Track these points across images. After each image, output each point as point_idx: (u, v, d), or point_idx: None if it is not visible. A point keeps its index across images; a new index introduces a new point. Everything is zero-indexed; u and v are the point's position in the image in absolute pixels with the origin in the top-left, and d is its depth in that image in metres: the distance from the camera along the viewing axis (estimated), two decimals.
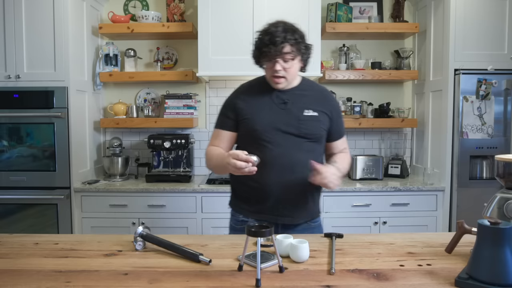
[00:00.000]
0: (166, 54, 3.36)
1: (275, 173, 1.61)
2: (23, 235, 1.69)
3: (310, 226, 1.74)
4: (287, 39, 1.52)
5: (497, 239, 1.13)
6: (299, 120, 1.62)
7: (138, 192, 2.81)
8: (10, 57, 2.76)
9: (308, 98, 1.67)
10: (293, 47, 1.55)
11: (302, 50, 1.59)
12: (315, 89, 1.72)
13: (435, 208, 2.86)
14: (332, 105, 1.71)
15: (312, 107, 1.65)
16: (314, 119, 1.64)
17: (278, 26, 1.55)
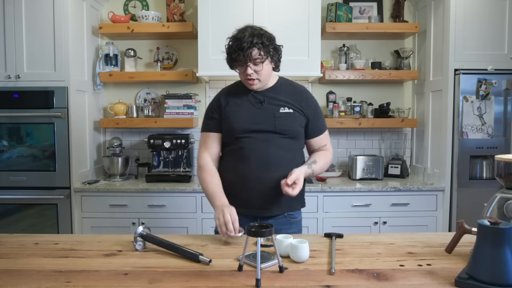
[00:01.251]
0: (166, 54, 3.36)
1: (252, 168, 1.67)
2: (23, 235, 1.69)
3: (289, 221, 1.77)
4: (253, 44, 1.58)
5: (497, 239, 1.13)
6: (275, 117, 1.68)
7: (138, 192, 2.81)
8: (10, 57, 2.76)
9: (284, 96, 1.72)
10: (260, 50, 1.60)
11: (270, 53, 1.64)
12: (292, 87, 1.77)
13: (435, 208, 2.86)
14: (309, 103, 1.74)
15: (288, 105, 1.70)
16: (290, 115, 1.69)
17: (245, 31, 1.60)
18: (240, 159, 1.68)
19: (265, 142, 1.68)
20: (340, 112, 3.18)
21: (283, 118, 1.68)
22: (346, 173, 3.32)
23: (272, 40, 1.66)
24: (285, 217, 1.76)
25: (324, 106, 3.39)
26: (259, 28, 1.65)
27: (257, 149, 1.68)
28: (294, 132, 1.71)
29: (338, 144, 3.43)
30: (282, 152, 1.68)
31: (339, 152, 3.43)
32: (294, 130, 1.71)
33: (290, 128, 1.69)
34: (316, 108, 1.78)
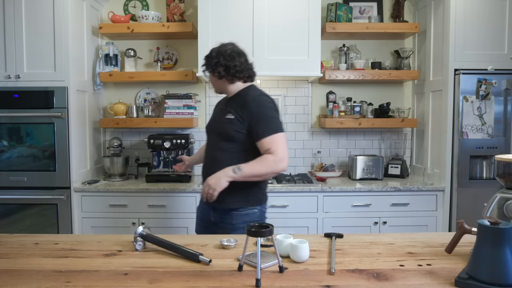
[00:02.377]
0: (166, 54, 3.36)
1: (204, 165, 2.02)
2: (23, 235, 1.69)
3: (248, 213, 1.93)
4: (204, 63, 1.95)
5: (497, 239, 1.14)
6: (221, 122, 1.93)
7: (138, 192, 2.81)
8: (10, 57, 2.76)
9: (234, 104, 1.93)
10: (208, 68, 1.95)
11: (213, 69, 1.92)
12: (243, 97, 1.93)
13: (435, 208, 2.86)
14: (249, 111, 1.87)
15: (232, 112, 1.90)
16: (229, 121, 1.89)
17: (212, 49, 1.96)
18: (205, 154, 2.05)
19: (212, 143, 1.99)
20: (340, 112, 3.18)
21: (225, 123, 1.90)
22: (346, 173, 3.32)
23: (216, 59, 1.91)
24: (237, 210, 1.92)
25: (324, 106, 3.40)
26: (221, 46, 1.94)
27: (208, 148, 2.02)
28: (231, 135, 1.88)
29: (338, 144, 3.43)
30: (221, 153, 1.91)
31: (339, 152, 3.43)
32: (231, 133, 1.88)
33: (226, 132, 1.89)
34: (256, 115, 1.86)
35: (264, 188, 2.01)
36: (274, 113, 1.90)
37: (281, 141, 1.85)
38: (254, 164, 1.83)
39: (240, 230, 1.89)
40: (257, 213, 1.96)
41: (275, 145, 1.83)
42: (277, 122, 1.89)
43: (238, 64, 1.91)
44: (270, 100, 1.93)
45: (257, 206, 1.95)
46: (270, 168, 1.82)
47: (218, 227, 1.95)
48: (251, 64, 2.01)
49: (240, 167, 1.81)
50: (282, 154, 1.82)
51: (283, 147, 1.84)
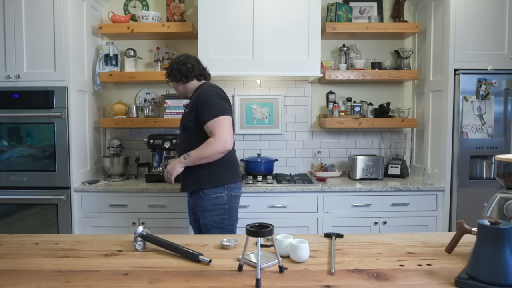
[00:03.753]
0: (166, 54, 3.36)
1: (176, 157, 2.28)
2: (23, 235, 1.69)
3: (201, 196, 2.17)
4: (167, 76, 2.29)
5: (497, 239, 1.14)
6: (182, 117, 2.24)
7: (138, 192, 2.81)
8: (10, 57, 2.76)
9: (191, 100, 2.22)
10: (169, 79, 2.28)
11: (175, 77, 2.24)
12: (196, 92, 2.23)
13: (435, 208, 2.86)
14: (197, 101, 2.14)
15: (189, 106, 2.19)
16: (185, 115, 2.19)
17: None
18: None
19: (179, 137, 2.28)
20: (340, 112, 3.18)
21: (183, 117, 2.21)
22: (346, 173, 3.32)
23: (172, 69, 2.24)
24: (198, 193, 2.17)
25: (324, 106, 3.40)
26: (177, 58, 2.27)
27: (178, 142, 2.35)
28: (187, 126, 2.16)
29: (338, 144, 3.43)
30: (183, 144, 2.20)
31: (339, 152, 3.43)
32: (187, 124, 2.16)
33: (185, 123, 2.18)
34: (201, 102, 2.11)
35: (230, 169, 2.21)
36: (217, 99, 2.12)
37: (223, 123, 2.07)
38: (199, 149, 2.08)
39: (209, 212, 2.15)
40: (225, 197, 2.17)
41: (216, 127, 2.05)
42: (219, 106, 2.10)
43: (189, 66, 2.22)
44: (216, 89, 2.18)
45: (224, 191, 2.16)
46: (212, 149, 2.05)
47: (195, 210, 2.23)
48: (203, 66, 2.31)
49: (189, 153, 2.10)
50: (222, 135, 2.05)
51: (224, 128, 2.06)
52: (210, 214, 2.15)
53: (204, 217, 2.17)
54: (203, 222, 2.17)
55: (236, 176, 2.24)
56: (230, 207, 2.19)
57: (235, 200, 2.23)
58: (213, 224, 2.15)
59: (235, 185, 2.22)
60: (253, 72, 2.95)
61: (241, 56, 2.90)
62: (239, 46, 2.91)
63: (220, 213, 2.16)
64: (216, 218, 2.15)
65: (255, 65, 2.92)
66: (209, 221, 2.15)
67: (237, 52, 2.90)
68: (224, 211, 2.17)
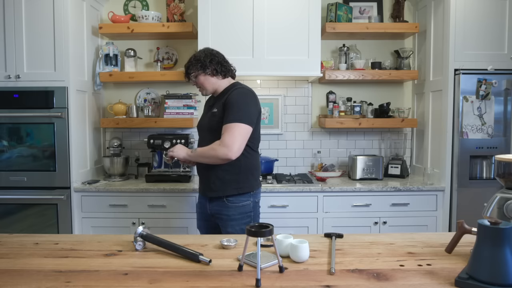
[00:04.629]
0: (166, 54, 3.36)
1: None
2: (23, 235, 1.70)
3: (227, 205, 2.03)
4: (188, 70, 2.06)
5: (497, 239, 1.14)
6: (208, 117, 2.06)
7: (138, 192, 2.81)
8: (10, 57, 2.76)
9: (220, 100, 2.02)
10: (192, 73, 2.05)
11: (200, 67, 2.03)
12: (225, 92, 2.05)
13: (435, 208, 2.86)
14: (227, 100, 1.97)
15: (217, 106, 2.02)
16: (214, 114, 2.01)
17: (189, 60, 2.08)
18: None
19: (202, 139, 2.10)
20: (340, 112, 3.18)
21: (211, 117, 2.03)
22: (346, 173, 3.32)
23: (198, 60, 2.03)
24: (223, 201, 2.03)
25: (324, 106, 3.40)
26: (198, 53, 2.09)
27: (199, 144, 2.11)
28: (214, 127, 1.99)
29: (338, 144, 3.43)
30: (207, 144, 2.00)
31: (339, 152, 3.43)
32: (215, 126, 1.98)
33: (211, 124, 2.01)
34: (230, 104, 1.95)
35: (256, 174, 2.10)
36: (246, 106, 1.96)
37: (237, 131, 1.90)
38: (204, 148, 1.98)
39: (236, 221, 2.01)
40: (251, 204, 2.06)
41: (228, 133, 1.90)
42: (244, 113, 1.92)
43: (229, 63, 2.10)
44: (249, 93, 2.02)
45: (250, 198, 2.05)
46: (214, 152, 1.92)
47: (215, 217, 2.06)
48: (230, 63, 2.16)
49: (196, 149, 2.02)
50: (228, 141, 1.88)
51: (234, 136, 1.89)
52: (237, 223, 2.02)
53: (230, 226, 2.02)
54: (229, 231, 2.01)
55: (258, 182, 2.12)
56: (255, 214, 2.10)
57: (258, 205, 2.14)
58: (240, 232, 2.00)
59: (257, 191, 2.12)
60: (253, 72, 2.95)
61: (241, 56, 2.90)
62: (239, 46, 2.91)
63: (247, 222, 2.03)
64: (243, 227, 2.00)
65: (255, 65, 2.92)
66: (237, 230, 2.01)
67: (237, 52, 2.90)
68: (251, 219, 2.07)
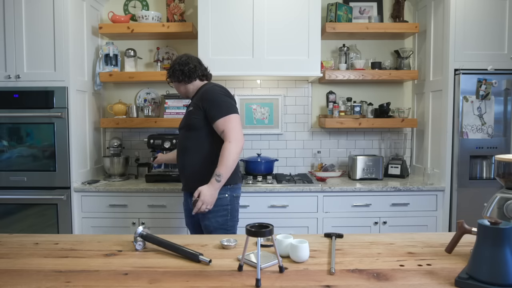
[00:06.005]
0: (166, 54, 3.36)
1: (177, 157, 2.25)
2: (23, 235, 1.69)
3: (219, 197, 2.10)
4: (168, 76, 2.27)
5: (497, 239, 1.14)
6: (185, 116, 2.22)
7: (138, 192, 2.81)
8: (10, 57, 2.76)
9: (194, 99, 2.20)
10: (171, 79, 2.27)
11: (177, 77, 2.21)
12: (200, 91, 2.21)
13: (435, 208, 2.86)
14: (202, 98, 2.12)
15: (192, 105, 2.18)
16: (190, 113, 2.15)
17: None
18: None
19: (181, 136, 2.22)
20: (340, 112, 3.18)
21: (187, 116, 2.19)
22: (346, 173, 3.32)
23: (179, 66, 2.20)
24: None
25: (324, 106, 3.40)
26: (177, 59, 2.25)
27: (178, 143, 2.25)
28: (192, 124, 2.12)
29: (338, 144, 3.43)
30: (188, 141, 2.15)
31: (339, 152, 3.43)
32: (192, 122, 2.12)
33: (190, 122, 2.13)
34: (211, 100, 2.10)
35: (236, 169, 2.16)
36: (225, 98, 2.12)
37: (233, 122, 2.07)
38: (222, 162, 2.02)
39: (212, 213, 2.10)
40: (228, 198, 2.15)
41: (228, 127, 2.04)
42: (228, 105, 2.10)
43: (191, 66, 2.21)
44: (221, 88, 2.18)
45: (227, 191, 2.13)
46: (234, 155, 2.03)
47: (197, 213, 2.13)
48: (205, 66, 2.30)
49: (217, 173, 2.02)
50: (235, 134, 2.04)
51: (235, 128, 2.06)
52: (213, 215, 2.11)
53: (207, 219, 2.12)
54: (206, 224, 2.13)
55: (238, 177, 2.22)
56: (233, 208, 2.18)
57: (237, 201, 2.21)
58: (216, 225, 2.13)
59: (236, 186, 2.20)
60: (253, 72, 2.95)
61: (241, 56, 2.90)
62: (239, 46, 2.91)
63: (223, 215, 2.13)
64: (219, 219, 2.13)
65: (255, 65, 2.92)
66: (213, 222, 2.12)
67: (237, 52, 2.90)
68: (227, 212, 2.15)
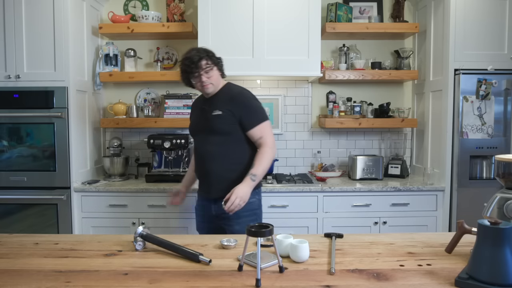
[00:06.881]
0: (166, 54, 3.36)
1: (199, 164, 2.12)
2: (23, 235, 1.70)
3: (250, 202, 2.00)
4: (201, 56, 1.98)
5: (497, 239, 1.14)
6: (208, 120, 2.04)
7: (138, 192, 2.81)
8: (10, 57, 2.76)
9: (219, 101, 2.05)
10: (208, 60, 1.99)
11: (215, 61, 2.03)
12: (228, 92, 2.07)
13: (435, 208, 2.86)
14: (236, 103, 2.02)
15: (219, 108, 2.02)
16: (219, 117, 2.01)
17: (191, 51, 2.01)
18: (195, 156, 2.18)
19: (203, 141, 2.07)
20: (340, 112, 3.18)
21: (214, 120, 2.02)
22: (346, 173, 3.32)
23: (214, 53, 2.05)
24: None
25: (324, 106, 3.40)
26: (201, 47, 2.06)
27: (200, 147, 2.09)
28: (222, 129, 2.01)
29: (338, 144, 3.43)
30: (217, 147, 2.02)
31: (339, 152, 3.43)
32: (222, 128, 2.01)
33: (219, 127, 2.01)
34: (246, 106, 2.03)
35: None
36: (258, 103, 2.09)
37: (269, 128, 2.06)
38: (260, 164, 1.97)
39: (243, 218, 2.01)
40: (256, 202, 2.10)
41: (265, 134, 2.02)
42: (262, 111, 2.08)
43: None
44: (249, 91, 2.12)
45: (256, 195, 2.08)
46: (270, 160, 2.01)
47: (220, 218, 2.04)
48: None
49: (253, 172, 1.95)
50: (272, 141, 2.03)
51: (271, 134, 2.05)
52: (244, 221, 2.00)
53: (237, 224, 2.01)
54: (236, 228, 2.01)
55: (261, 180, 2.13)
56: (260, 211, 2.13)
57: (261, 203, 2.17)
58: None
59: (260, 189, 2.15)
60: (253, 72, 2.95)
61: (241, 56, 2.90)
62: (239, 46, 2.91)
63: (253, 219, 2.04)
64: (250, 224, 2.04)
65: (255, 65, 2.92)
66: (243, 228, 1.94)
67: (237, 52, 2.90)
68: (256, 217, 2.08)
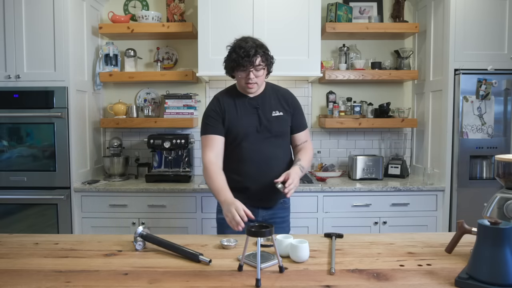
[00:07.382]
0: (166, 54, 3.36)
1: (254, 167, 1.88)
2: (23, 235, 1.70)
3: (284, 206, 2.02)
4: (258, 52, 1.80)
5: (497, 239, 1.14)
6: (269, 121, 1.89)
7: (138, 192, 2.81)
8: (10, 57, 2.76)
9: (274, 101, 1.94)
10: (262, 58, 1.82)
11: (269, 61, 1.87)
12: (278, 92, 1.99)
13: (435, 208, 2.86)
14: (293, 103, 1.97)
15: (278, 108, 1.92)
16: (281, 118, 1.91)
17: (248, 42, 1.83)
18: (243, 159, 1.88)
19: (263, 143, 1.88)
20: (340, 112, 3.18)
21: (275, 121, 1.90)
22: (346, 173, 3.32)
23: (269, 51, 1.88)
24: (281, 203, 1.99)
25: (324, 106, 3.40)
26: (258, 40, 1.88)
27: (257, 150, 1.88)
28: (285, 132, 1.94)
29: (338, 144, 3.43)
30: (276, 150, 1.91)
31: (339, 152, 3.43)
32: (284, 130, 1.94)
33: (281, 129, 1.92)
34: (299, 108, 2.00)
35: None
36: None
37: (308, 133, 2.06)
38: (306, 159, 1.92)
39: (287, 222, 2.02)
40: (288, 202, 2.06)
41: (309, 138, 2.04)
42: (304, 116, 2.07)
43: None
44: None
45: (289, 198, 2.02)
46: (311, 159, 2.00)
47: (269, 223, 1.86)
48: None
49: (302, 164, 1.87)
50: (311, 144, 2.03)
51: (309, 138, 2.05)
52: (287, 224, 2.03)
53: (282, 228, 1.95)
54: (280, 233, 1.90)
55: None
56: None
57: None
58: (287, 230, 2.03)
59: None
60: None
61: None
62: None
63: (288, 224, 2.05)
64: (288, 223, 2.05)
65: None
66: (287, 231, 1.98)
67: None
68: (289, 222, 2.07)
